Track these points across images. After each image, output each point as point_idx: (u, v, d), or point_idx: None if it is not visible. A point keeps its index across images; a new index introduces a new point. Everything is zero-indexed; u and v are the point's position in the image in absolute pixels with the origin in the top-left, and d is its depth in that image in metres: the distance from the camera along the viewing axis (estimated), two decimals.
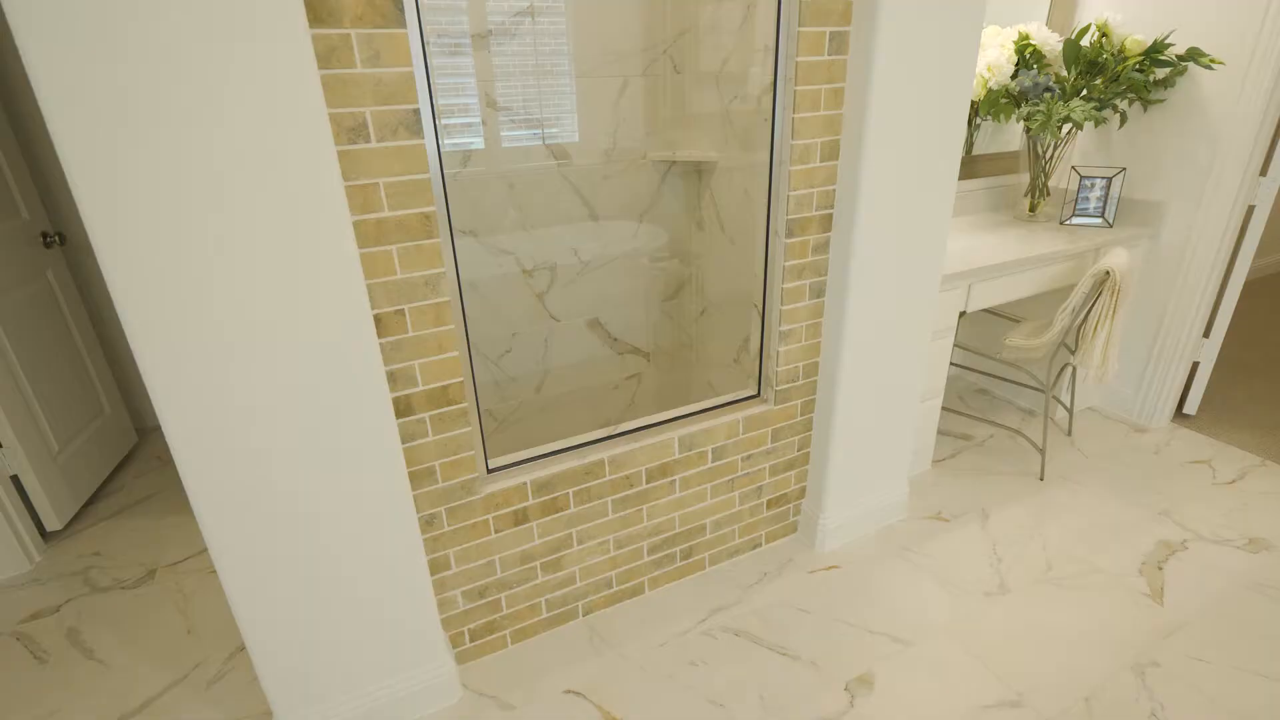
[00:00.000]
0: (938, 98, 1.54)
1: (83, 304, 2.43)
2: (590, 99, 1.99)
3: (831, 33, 1.44)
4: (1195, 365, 2.54)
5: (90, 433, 2.35)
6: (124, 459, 2.57)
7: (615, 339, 2.32)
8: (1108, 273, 2.00)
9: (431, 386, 1.30)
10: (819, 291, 1.70)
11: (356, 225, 1.13)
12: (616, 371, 2.37)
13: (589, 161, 2.06)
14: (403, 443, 1.31)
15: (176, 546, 2.08)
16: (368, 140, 1.10)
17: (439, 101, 1.84)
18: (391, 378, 1.26)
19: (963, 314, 2.28)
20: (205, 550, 2.05)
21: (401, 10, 1.06)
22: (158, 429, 2.78)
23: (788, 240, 1.59)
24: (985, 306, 2.16)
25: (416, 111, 1.12)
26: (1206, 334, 2.47)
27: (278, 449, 1.14)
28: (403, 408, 1.29)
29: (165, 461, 2.55)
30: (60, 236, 2.30)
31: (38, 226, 2.23)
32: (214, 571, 1.95)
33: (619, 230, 2.18)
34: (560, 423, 2.28)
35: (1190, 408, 2.62)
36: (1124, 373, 2.62)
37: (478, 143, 1.94)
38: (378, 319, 1.20)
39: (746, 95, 1.88)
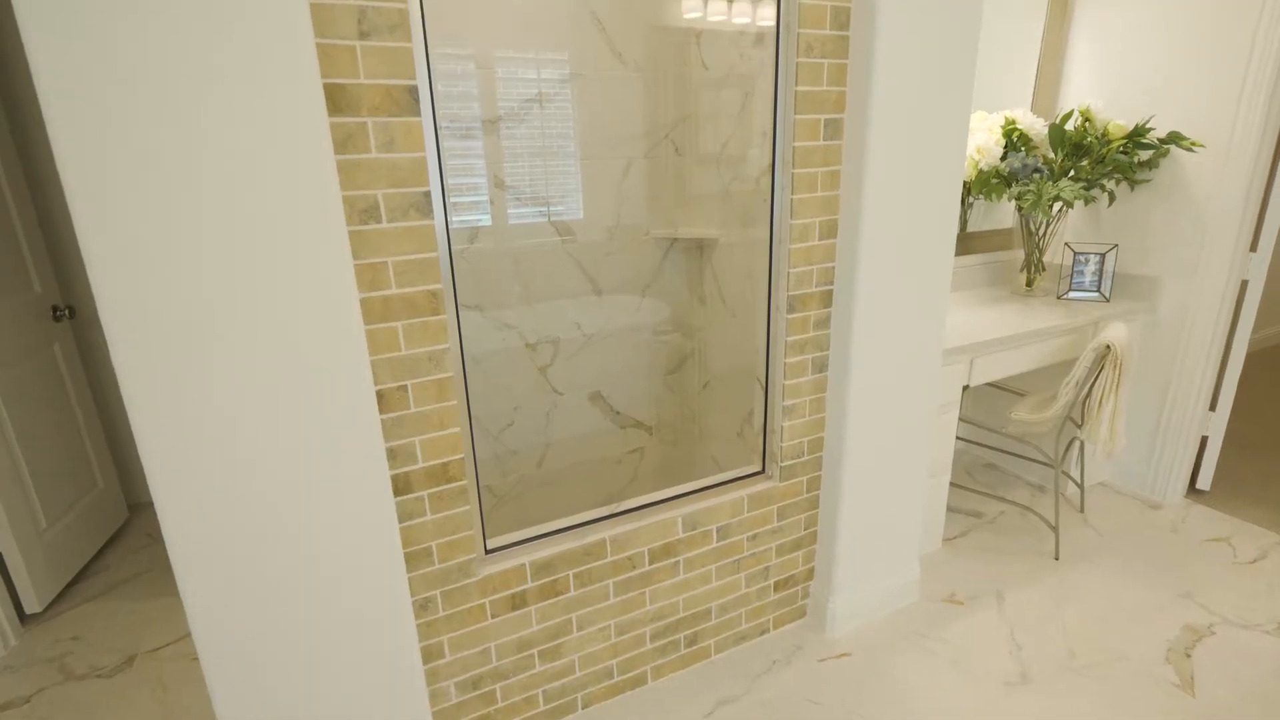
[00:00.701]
0: (931, 179, 1.59)
1: (85, 377, 2.43)
2: (595, 179, 2.06)
3: (826, 120, 1.50)
4: (1204, 440, 2.51)
5: (81, 508, 2.30)
6: (113, 535, 2.50)
7: (618, 412, 2.31)
8: (1108, 346, 2.00)
9: (432, 463, 1.28)
10: (821, 366, 1.69)
11: (364, 302, 1.15)
12: (619, 445, 2.34)
13: (593, 238, 2.11)
14: (400, 522, 1.28)
15: (159, 631, 1.99)
16: (379, 221, 1.13)
17: (449, 182, 1.90)
18: (391, 454, 1.24)
19: (966, 388, 2.28)
20: (188, 635, 1.96)
21: (417, 101, 1.11)
22: (150, 505, 2.72)
23: (789, 316, 1.60)
24: (989, 380, 2.15)
25: (427, 194, 1.15)
26: (1213, 408, 2.45)
27: (271, 529, 1.10)
28: (401, 485, 1.26)
29: (155, 539, 2.48)
30: (70, 310, 2.33)
31: (49, 300, 2.26)
32: (195, 659, 1.86)
33: (622, 304, 2.20)
34: (561, 498, 2.23)
35: (1203, 483, 2.57)
36: (1133, 447, 2.59)
37: (485, 219, 1.99)
38: (380, 395, 1.20)
39: (745, 176, 1.95)
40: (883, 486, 1.81)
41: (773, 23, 1.45)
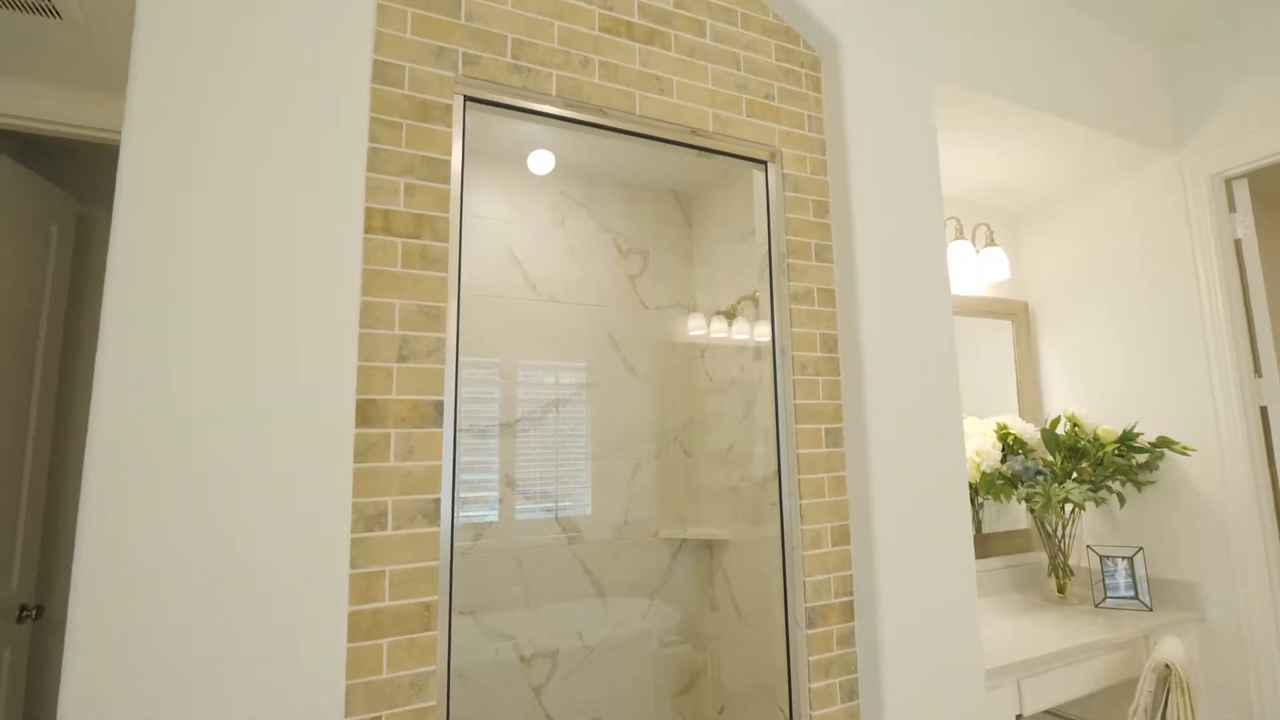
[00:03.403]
0: (936, 480, 1.60)
1: (24, 689, 2.18)
2: (604, 478, 2.10)
3: (826, 429, 1.57)
4: None
5: None
6: None
7: None
8: (1168, 667, 1.80)
9: None
10: (851, 693, 1.50)
11: (352, 616, 1.07)
12: None
13: (600, 536, 2.06)
14: None
15: None
16: (384, 528, 1.11)
17: (460, 482, 1.93)
18: None
19: (1019, 719, 1.99)
20: None
21: (441, 413, 1.18)
22: None
23: (809, 631, 1.47)
24: (1045, 708, 1.89)
25: (437, 501, 1.16)
26: None
27: None
28: None
29: None
30: (39, 609, 2.19)
31: (20, 599, 2.14)
32: None
33: (628, 609, 2.06)
34: None
35: None
36: None
37: (492, 515, 1.98)
38: None
39: (752, 476, 1.98)
40: None
41: (770, 337, 1.62)
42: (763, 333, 1.68)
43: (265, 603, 0.96)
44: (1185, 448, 2.25)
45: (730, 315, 2.17)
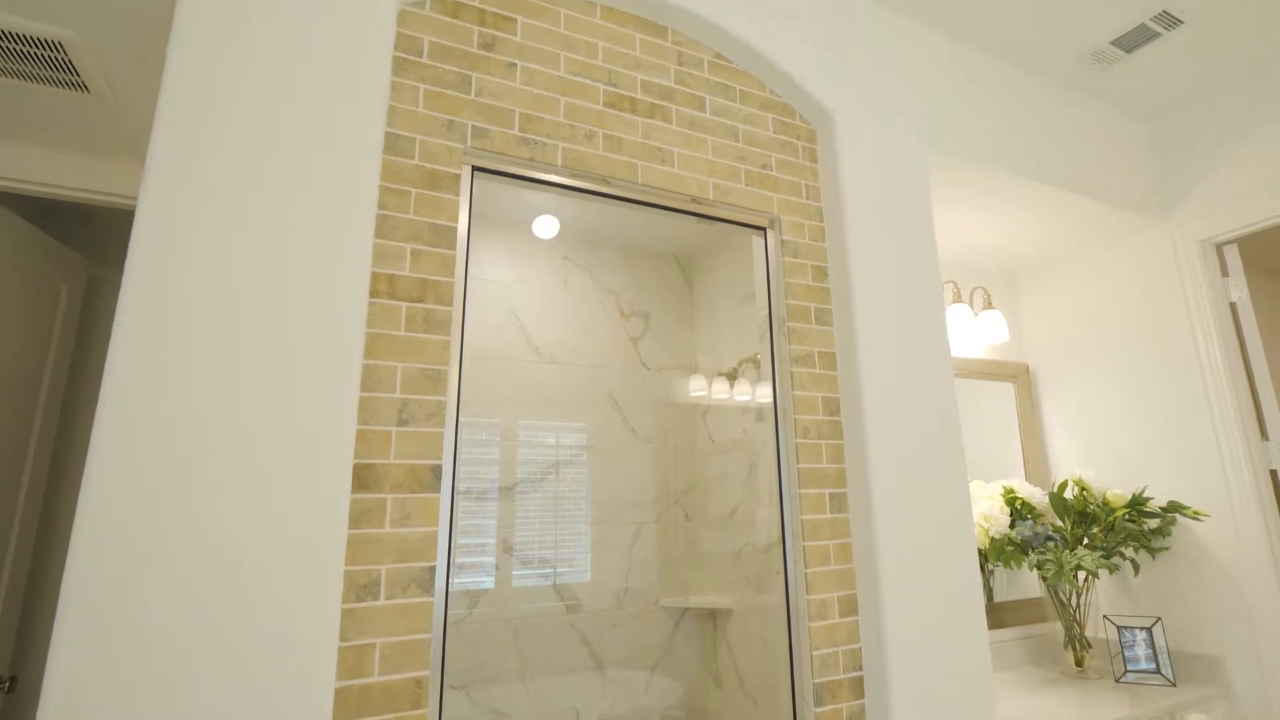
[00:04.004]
0: (943, 547, 1.56)
1: None
2: (604, 543, 2.05)
3: (830, 494, 1.55)
4: None
5: None
6: None
7: None
8: None
9: None
10: None
11: (339, 693, 1.02)
12: None
13: (599, 605, 2.00)
14: None
15: None
16: (376, 598, 1.08)
17: (456, 546, 1.89)
18: None
19: None
20: None
21: (439, 478, 1.17)
22: None
23: (817, 709, 1.40)
24: None
25: (432, 569, 1.13)
26: None
27: None
28: None
29: None
30: (12, 681, 2.10)
31: None
32: None
33: (627, 683, 1.97)
34: None
35: None
36: None
37: (488, 582, 1.92)
38: None
39: (756, 543, 1.93)
40: None
41: (772, 399, 1.61)
42: (764, 394, 1.68)
43: (248, 684, 0.92)
44: (1197, 513, 2.20)
45: (732, 377, 2.17)
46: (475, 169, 1.35)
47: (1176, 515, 2.28)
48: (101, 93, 1.72)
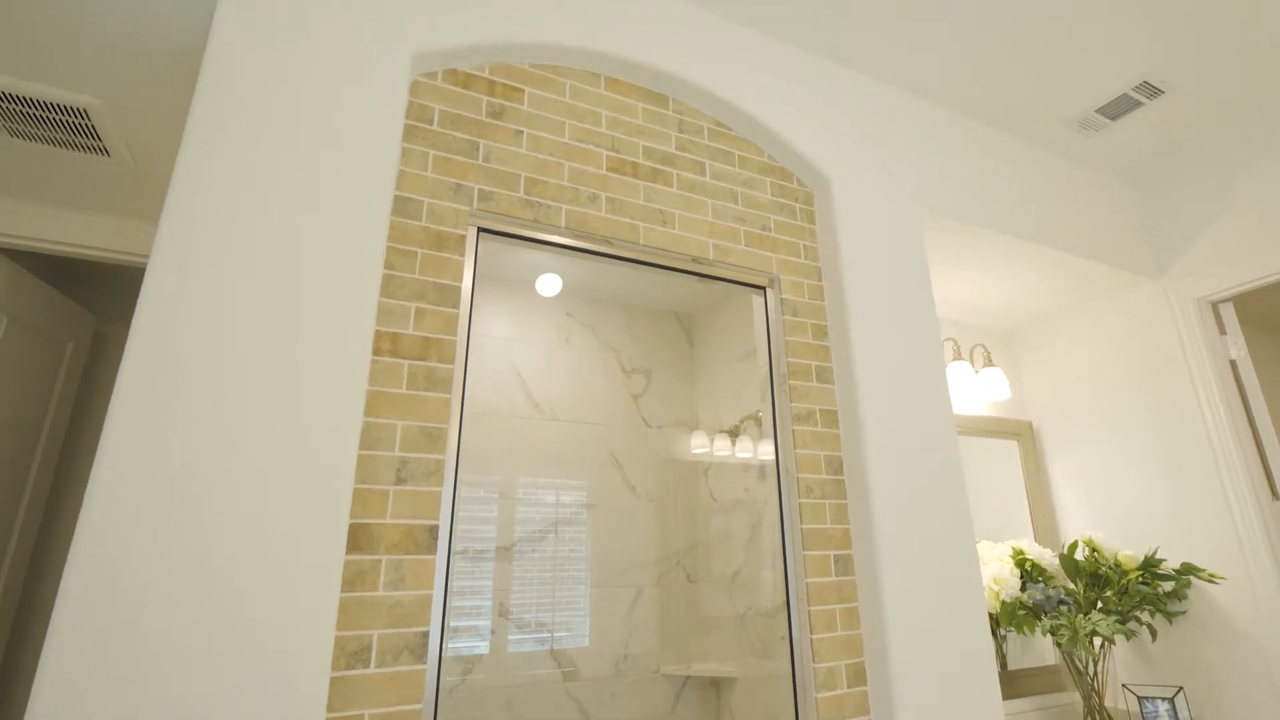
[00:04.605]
0: (953, 614, 1.51)
1: None
2: (603, 606, 1.99)
3: (835, 555, 1.51)
4: None
5: None
6: None
7: None
8: None
9: None
10: None
11: None
12: None
13: (598, 672, 1.92)
14: None
15: None
16: (366, 665, 1.04)
17: (451, 608, 1.84)
18: None
19: None
20: None
21: (435, 539, 1.14)
22: None
23: None
24: None
25: (425, 634, 1.09)
26: None
27: None
28: None
29: None
30: None
31: None
32: None
33: None
34: None
35: None
36: None
37: (482, 647, 1.86)
38: None
39: (760, 606, 1.88)
40: None
41: (774, 458, 1.59)
42: (766, 451, 1.67)
43: None
44: (1213, 575, 2.14)
45: (733, 434, 2.16)
46: (481, 230, 1.38)
47: (1191, 578, 2.22)
48: (121, 156, 1.78)
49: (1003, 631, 2.38)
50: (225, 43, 1.18)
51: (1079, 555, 2.39)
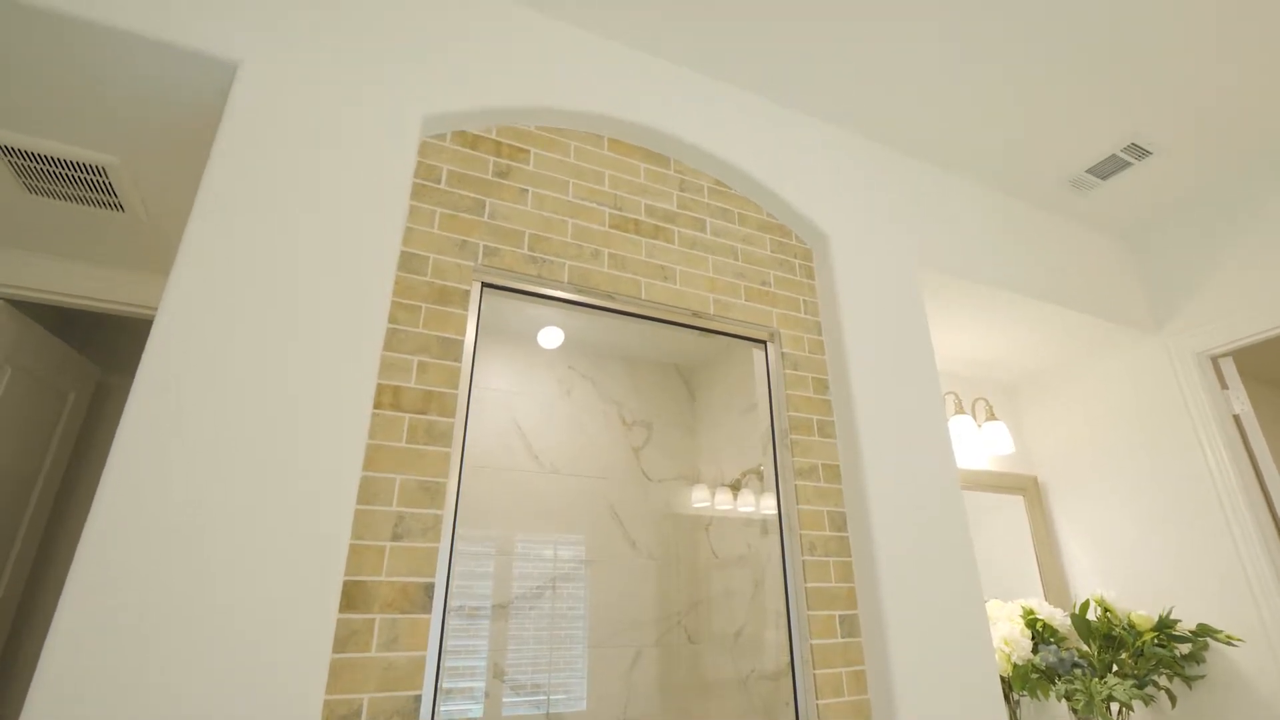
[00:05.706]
0: (963, 679, 1.46)
1: None
2: (601, 667, 1.93)
3: (841, 615, 1.47)
4: None
5: None
6: None
7: None
8: None
9: None
10: None
11: None
12: None
13: None
14: None
15: None
16: None
17: (445, 668, 1.78)
18: None
19: None
20: None
21: (431, 597, 1.12)
22: None
23: None
24: None
25: (418, 699, 1.06)
26: None
27: None
28: None
29: None
30: None
31: None
32: None
33: None
34: None
35: None
36: None
37: (476, 711, 1.79)
38: None
39: (764, 669, 1.82)
40: None
41: (776, 513, 1.57)
42: (769, 505, 1.64)
43: None
44: (1230, 637, 2.08)
45: (735, 488, 2.13)
46: (485, 285, 1.40)
47: (1209, 639, 2.16)
48: (136, 211, 1.83)
49: (1016, 697, 2.30)
50: (242, 105, 1.22)
51: (1091, 615, 2.33)
